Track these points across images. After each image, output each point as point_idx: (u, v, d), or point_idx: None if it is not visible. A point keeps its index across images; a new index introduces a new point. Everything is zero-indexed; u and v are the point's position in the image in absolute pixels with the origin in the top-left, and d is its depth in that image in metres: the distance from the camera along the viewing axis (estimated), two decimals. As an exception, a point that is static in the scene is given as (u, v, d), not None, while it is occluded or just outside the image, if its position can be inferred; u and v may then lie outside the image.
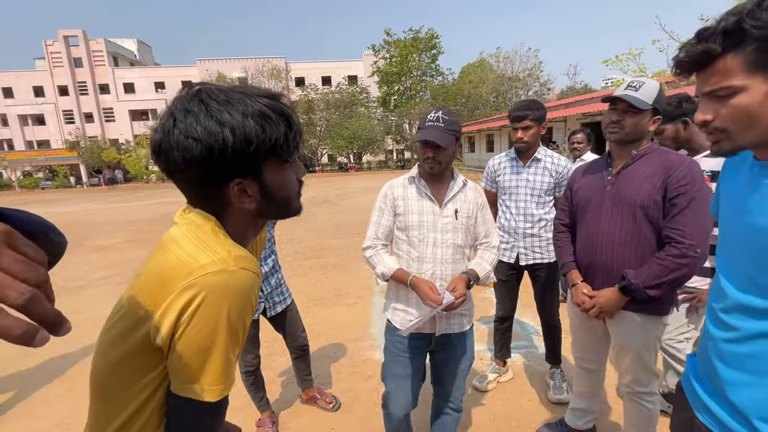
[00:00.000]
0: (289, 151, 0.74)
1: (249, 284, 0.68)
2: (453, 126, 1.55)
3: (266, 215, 0.79)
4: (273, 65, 37.04)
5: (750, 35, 0.72)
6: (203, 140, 0.65)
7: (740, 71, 0.75)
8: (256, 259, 0.82)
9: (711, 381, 0.94)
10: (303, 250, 6.88)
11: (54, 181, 36.66)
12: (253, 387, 2.31)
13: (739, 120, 0.77)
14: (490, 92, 31.95)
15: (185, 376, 0.68)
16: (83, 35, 39.92)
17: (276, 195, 0.76)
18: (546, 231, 2.44)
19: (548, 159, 2.41)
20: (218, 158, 0.66)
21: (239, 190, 0.71)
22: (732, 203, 0.93)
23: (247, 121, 0.67)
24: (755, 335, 0.83)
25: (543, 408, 2.47)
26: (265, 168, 0.72)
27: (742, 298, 0.85)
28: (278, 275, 2.26)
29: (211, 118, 0.66)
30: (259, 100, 0.70)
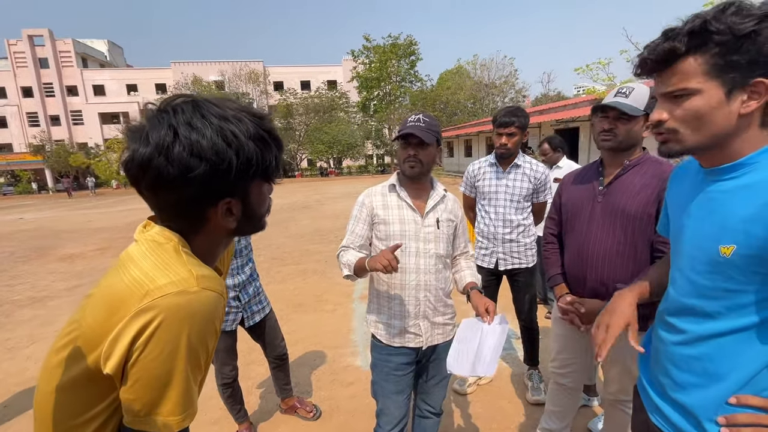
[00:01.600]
0: (278, 172, 0.74)
1: (212, 306, 0.65)
2: (434, 127, 1.55)
3: (240, 232, 0.77)
4: (251, 69, 36.54)
5: (712, 39, 0.73)
6: (210, 159, 0.62)
7: (699, 74, 0.76)
8: (223, 275, 0.79)
9: (662, 383, 0.96)
10: (281, 256, 6.78)
11: (17, 187, 34.88)
12: (231, 399, 2.25)
13: (690, 122, 0.80)
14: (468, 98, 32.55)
15: (140, 407, 0.63)
16: (49, 35, 38.29)
17: (255, 213, 0.75)
18: (524, 236, 2.49)
19: (527, 165, 2.46)
20: (220, 178, 0.64)
21: (226, 210, 0.69)
22: (678, 211, 0.96)
23: (249, 144, 0.65)
24: (701, 337, 0.86)
25: (522, 409, 2.50)
26: (251, 189, 0.71)
27: (687, 300, 0.88)
28: (256, 284, 2.22)
29: (218, 137, 0.63)
30: (254, 121, 0.68)
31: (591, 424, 2.29)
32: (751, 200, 0.77)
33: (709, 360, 0.85)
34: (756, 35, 0.71)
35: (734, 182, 0.81)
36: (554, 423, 1.97)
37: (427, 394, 1.76)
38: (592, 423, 2.29)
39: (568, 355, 1.86)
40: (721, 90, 0.75)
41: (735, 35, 0.72)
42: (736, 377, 0.82)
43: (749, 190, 0.78)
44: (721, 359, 0.83)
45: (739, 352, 0.82)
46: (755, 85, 0.74)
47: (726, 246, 0.79)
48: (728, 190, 0.82)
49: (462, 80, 33.12)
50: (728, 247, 0.78)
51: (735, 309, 0.81)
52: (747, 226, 0.76)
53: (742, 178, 0.80)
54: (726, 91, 0.75)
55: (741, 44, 0.72)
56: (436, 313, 1.64)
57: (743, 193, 0.79)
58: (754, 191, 0.77)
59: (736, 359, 0.82)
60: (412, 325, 1.62)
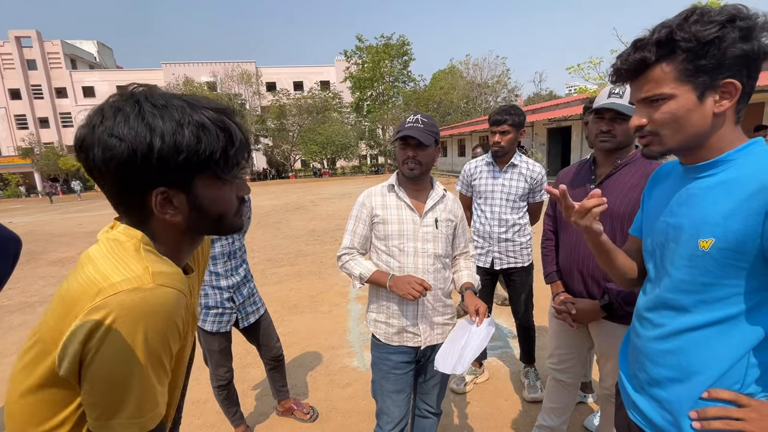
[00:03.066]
0: (228, 167, 0.69)
1: (170, 302, 0.62)
2: (432, 128, 1.55)
3: (198, 230, 0.74)
4: (243, 69, 36.27)
5: (679, 46, 0.78)
6: (127, 141, 0.61)
7: (671, 80, 0.81)
8: (198, 273, 0.77)
9: (639, 378, 0.98)
10: (276, 258, 6.75)
11: (5, 191, 34.35)
12: (227, 402, 2.23)
13: (668, 124, 0.84)
14: (461, 98, 32.63)
15: (100, 410, 0.60)
16: (37, 36, 37.77)
17: (208, 210, 0.71)
18: (520, 236, 2.49)
19: (524, 165, 2.46)
20: (141, 163, 0.62)
21: (163, 200, 0.66)
22: (657, 209, 0.99)
23: (181, 130, 0.63)
24: (676, 332, 0.88)
25: (519, 407, 2.51)
26: (197, 181, 0.68)
27: (663, 294, 0.91)
28: (250, 285, 2.20)
29: (142, 120, 0.62)
30: (203, 112, 0.66)
31: (587, 422, 2.30)
32: (729, 196, 0.81)
33: (684, 354, 0.87)
34: (720, 41, 0.75)
35: (713, 179, 0.85)
36: (552, 420, 1.97)
37: (427, 394, 1.76)
38: (587, 420, 2.30)
39: (565, 350, 1.87)
40: (694, 93, 0.80)
41: (700, 42, 0.76)
42: (710, 372, 0.84)
43: (727, 186, 0.82)
44: (695, 353, 0.86)
45: (712, 346, 0.84)
46: (725, 86, 0.78)
47: (705, 240, 0.82)
48: (708, 186, 0.85)
49: (455, 80, 33.19)
50: (707, 240, 0.82)
51: (710, 302, 0.84)
52: (725, 221, 0.80)
53: (721, 175, 0.84)
54: (698, 93, 0.80)
55: (707, 50, 0.76)
56: (435, 313, 1.64)
57: (722, 189, 0.82)
58: (732, 187, 0.81)
59: (710, 354, 0.84)
60: (410, 325, 1.62)
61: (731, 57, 0.76)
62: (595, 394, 2.51)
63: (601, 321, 1.66)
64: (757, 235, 0.76)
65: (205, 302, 2.03)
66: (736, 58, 0.76)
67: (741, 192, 0.79)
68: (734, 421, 0.81)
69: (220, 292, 2.04)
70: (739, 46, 0.75)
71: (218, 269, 2.03)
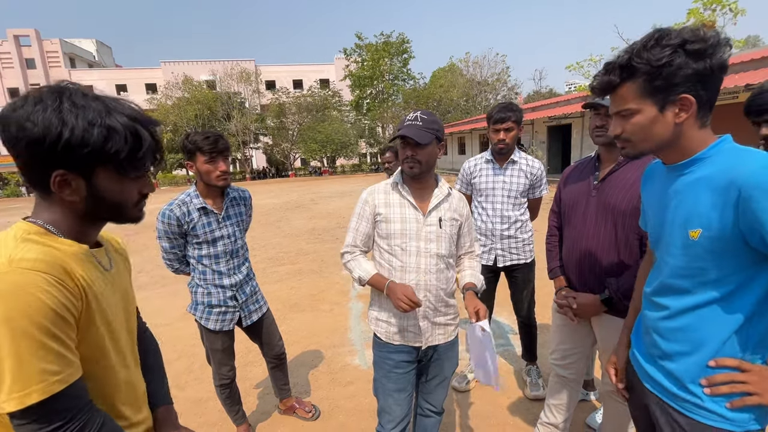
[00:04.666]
0: (132, 166, 0.78)
1: (29, 283, 0.67)
2: (432, 125, 1.52)
3: (97, 215, 0.82)
4: (242, 68, 36.14)
5: (638, 69, 0.91)
6: (39, 127, 0.69)
7: (634, 97, 0.95)
8: (104, 249, 0.84)
9: (651, 354, 1.11)
10: (277, 256, 6.75)
11: (5, 190, 34.33)
12: (229, 400, 2.23)
13: (637, 134, 0.98)
14: (461, 96, 32.55)
15: None
16: (36, 35, 37.68)
17: (105, 198, 0.79)
18: (522, 232, 2.49)
19: (523, 161, 2.46)
20: (47, 148, 0.70)
21: (61, 181, 0.73)
22: (654, 205, 1.11)
23: (90, 129, 0.71)
24: (681, 311, 1.00)
25: (520, 405, 2.51)
26: (98, 171, 0.76)
27: (666, 280, 1.03)
28: (252, 283, 2.20)
29: (57, 113, 0.70)
30: (117, 117, 0.75)
31: (589, 420, 2.30)
32: (707, 191, 0.91)
33: (691, 330, 0.99)
34: (669, 64, 0.87)
35: (692, 175, 0.96)
36: (554, 416, 1.97)
37: (429, 393, 1.76)
38: (590, 418, 2.30)
39: (568, 346, 1.87)
40: (655, 107, 0.93)
41: (653, 66, 0.89)
42: (714, 343, 0.96)
43: (705, 181, 0.92)
44: (700, 328, 0.97)
45: (714, 321, 0.95)
46: (682, 100, 0.90)
47: (693, 230, 0.93)
48: (689, 182, 0.96)
49: (455, 78, 33.08)
50: (695, 231, 0.93)
51: (707, 284, 0.94)
52: (708, 212, 0.90)
53: (698, 172, 0.95)
54: (659, 107, 0.93)
55: (660, 72, 0.89)
56: (436, 313, 1.62)
57: (701, 185, 0.93)
58: (709, 183, 0.91)
59: (713, 328, 0.95)
60: (411, 325, 1.61)
61: (682, 76, 0.88)
62: (597, 391, 2.51)
63: (603, 315, 1.67)
64: (734, 223, 0.86)
65: (208, 301, 2.03)
66: (688, 76, 0.87)
67: (716, 187, 0.89)
68: (739, 385, 0.93)
69: (222, 290, 2.04)
70: (692, 66, 0.86)
71: (221, 268, 2.03)
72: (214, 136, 1.90)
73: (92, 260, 0.82)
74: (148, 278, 6.05)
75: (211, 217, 1.98)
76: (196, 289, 2.04)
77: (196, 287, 2.04)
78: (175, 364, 3.28)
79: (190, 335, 3.72)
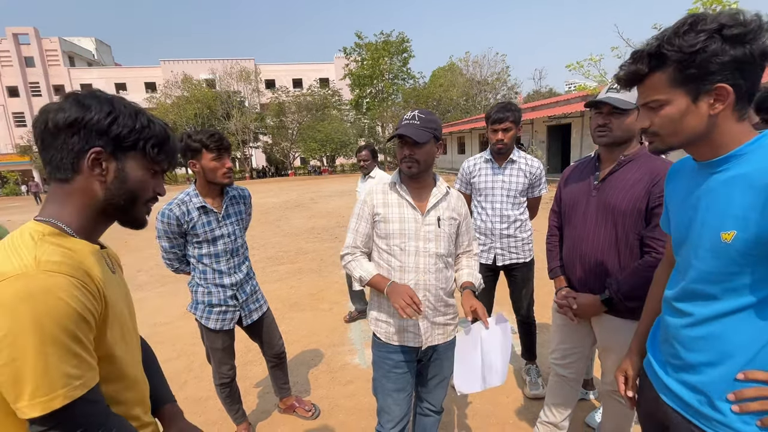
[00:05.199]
0: (158, 155, 0.85)
1: (57, 286, 0.66)
2: (430, 124, 1.51)
3: (112, 203, 0.83)
4: (242, 67, 36.12)
5: (669, 58, 0.84)
6: (95, 108, 0.76)
7: (665, 87, 0.88)
8: (102, 267, 0.82)
9: (672, 364, 1.02)
10: (277, 256, 6.75)
11: (4, 189, 34.30)
12: (229, 399, 2.23)
13: (666, 127, 0.91)
14: (460, 96, 32.55)
15: (7, 395, 0.64)
16: (35, 33, 37.62)
17: (128, 185, 0.82)
18: (521, 231, 2.50)
19: (522, 160, 2.46)
20: (94, 124, 0.76)
21: (95, 159, 0.77)
22: (680, 205, 1.03)
23: (135, 116, 0.81)
24: (707, 318, 0.92)
25: (520, 404, 2.52)
26: (130, 156, 0.82)
27: (692, 286, 0.95)
28: (253, 282, 2.20)
29: (109, 102, 0.79)
30: (149, 115, 0.84)
31: (588, 419, 2.31)
32: (746, 190, 0.84)
33: (716, 339, 0.90)
34: (704, 51, 0.80)
35: (728, 173, 0.88)
36: (554, 415, 1.97)
37: (429, 393, 1.76)
38: (589, 417, 2.31)
39: (568, 345, 1.87)
40: (687, 98, 0.86)
41: (685, 53, 0.82)
42: (742, 354, 0.87)
43: (743, 180, 0.85)
44: (727, 338, 0.89)
45: (743, 330, 0.87)
46: (718, 90, 0.83)
47: (727, 232, 0.86)
48: (724, 180, 0.89)
49: (454, 77, 33.08)
50: (729, 233, 0.85)
51: (736, 290, 0.87)
52: (745, 212, 0.83)
53: (735, 169, 0.87)
54: (692, 98, 0.85)
55: (693, 59, 0.81)
56: (436, 313, 1.62)
57: (738, 183, 0.86)
58: (749, 180, 0.84)
59: (742, 337, 0.87)
60: (410, 325, 1.60)
61: (719, 63, 0.80)
62: (597, 390, 2.51)
63: (603, 316, 1.67)
64: None
65: (209, 300, 2.03)
66: (725, 64, 0.80)
67: (755, 186, 0.82)
68: None
69: (223, 289, 2.04)
70: (729, 52, 0.79)
71: (221, 267, 2.03)
72: (218, 133, 1.92)
73: (103, 261, 0.83)
74: (147, 277, 6.05)
75: (210, 216, 1.98)
76: (196, 288, 2.04)
77: (196, 286, 2.04)
78: (175, 363, 3.28)
79: (189, 334, 3.72)
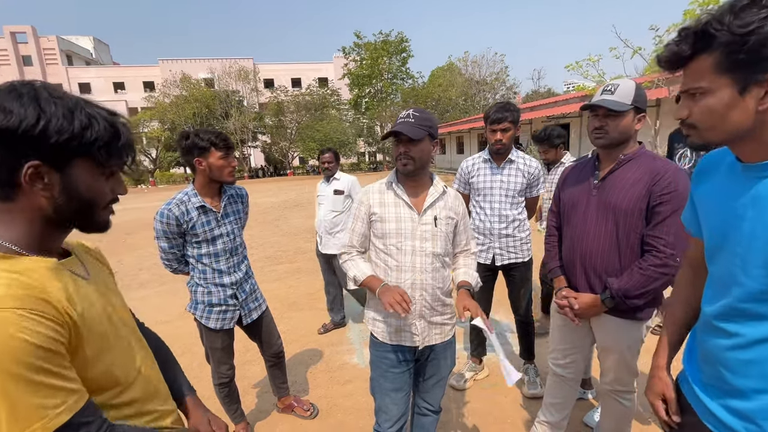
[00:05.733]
0: (108, 157, 0.75)
1: (4, 323, 0.62)
2: (425, 122, 1.52)
3: (65, 217, 0.76)
4: (240, 66, 36.04)
5: (716, 39, 0.73)
6: (15, 114, 0.65)
7: (709, 73, 0.76)
8: (74, 257, 0.78)
9: (715, 388, 0.92)
10: (275, 255, 6.74)
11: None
12: (227, 399, 2.23)
13: (705, 120, 0.80)
14: (459, 95, 32.53)
15: None
16: (32, 32, 37.53)
17: (79, 195, 0.74)
18: (520, 231, 2.50)
19: (521, 160, 2.47)
20: (21, 136, 0.66)
21: (33, 174, 0.68)
22: (716, 208, 0.91)
23: (70, 116, 0.69)
24: (757, 341, 0.81)
25: (518, 403, 2.52)
26: (75, 163, 0.72)
27: (739, 305, 0.83)
28: (252, 281, 2.20)
29: (34, 102, 0.67)
30: (96, 108, 0.74)
31: (586, 418, 2.31)
32: None
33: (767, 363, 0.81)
34: (757, 33, 0.68)
35: None
36: (552, 415, 1.98)
37: (427, 392, 1.76)
38: (587, 416, 2.32)
39: (567, 345, 1.88)
40: (733, 87, 0.74)
41: (735, 34, 0.70)
42: None
43: None
44: None
45: None
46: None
47: None
48: None
49: (453, 77, 33.05)
50: None
51: None
52: None
53: None
54: (739, 88, 0.74)
55: (744, 42, 0.70)
56: (433, 312, 1.63)
57: None
58: None
59: None
60: (408, 324, 1.61)
61: None
62: (595, 390, 2.52)
63: (603, 315, 1.67)
64: None
65: (209, 300, 2.03)
66: None
67: None
68: None
69: (223, 289, 2.04)
70: None
71: (221, 266, 2.03)
72: (223, 133, 1.95)
73: (65, 272, 0.76)
74: (148, 276, 6.03)
75: (210, 215, 1.98)
76: (195, 288, 2.04)
77: (195, 286, 2.04)
78: (174, 363, 3.27)
79: (188, 333, 3.71)
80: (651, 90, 9.43)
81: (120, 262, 6.91)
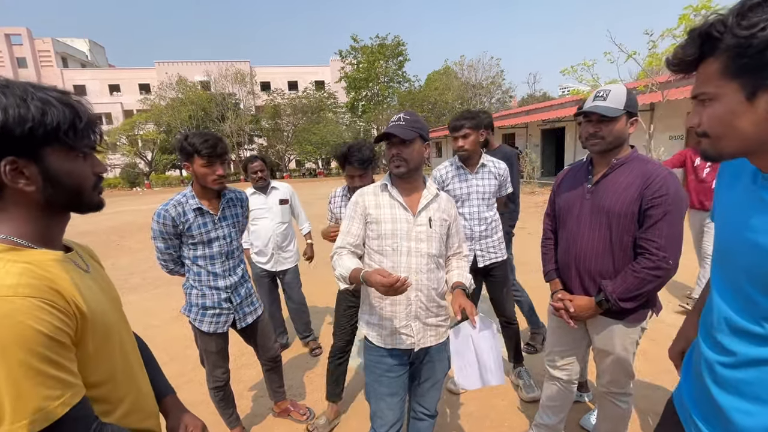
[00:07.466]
0: (76, 138, 0.74)
1: (18, 311, 0.63)
2: (415, 124, 1.54)
3: (56, 203, 0.77)
4: (237, 69, 36.03)
5: (721, 41, 0.69)
6: None
7: (716, 77, 0.72)
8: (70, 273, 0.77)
9: (705, 404, 0.88)
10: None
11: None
12: (222, 403, 2.21)
13: (714, 127, 0.75)
14: (455, 99, 32.69)
15: None
16: (28, 34, 37.31)
17: (63, 182, 0.75)
18: (495, 231, 2.57)
19: (491, 163, 2.56)
20: None
21: (12, 170, 0.69)
22: (732, 216, 0.86)
23: (24, 104, 0.68)
24: (754, 361, 0.77)
25: (515, 407, 2.52)
26: (48, 152, 0.72)
27: (741, 321, 0.79)
28: (248, 285, 2.19)
29: None
30: (47, 91, 0.72)
31: (583, 421, 2.32)
32: None
33: (761, 385, 0.77)
34: (761, 35, 0.64)
35: None
36: (549, 417, 1.99)
37: (422, 396, 1.76)
38: (584, 420, 2.32)
39: (563, 347, 1.89)
40: (741, 93, 0.69)
41: (739, 37, 0.66)
42: None
43: None
44: None
45: None
46: None
47: None
48: None
49: (449, 81, 33.24)
50: None
51: None
52: None
53: None
54: (747, 93, 0.69)
55: (749, 45, 0.66)
56: (428, 314, 1.63)
57: None
58: None
59: None
60: (403, 326, 1.60)
61: None
62: (591, 393, 2.53)
63: (598, 318, 1.68)
64: None
65: (203, 303, 2.02)
66: None
67: None
68: None
69: (217, 292, 2.03)
70: None
71: (216, 269, 2.02)
72: (214, 139, 1.89)
73: (71, 264, 0.78)
74: (139, 280, 5.99)
75: (207, 217, 1.97)
76: (190, 290, 2.03)
77: (190, 288, 2.03)
78: (168, 366, 3.24)
79: (183, 336, 3.69)
80: (645, 94, 9.52)
81: (113, 265, 6.86)
